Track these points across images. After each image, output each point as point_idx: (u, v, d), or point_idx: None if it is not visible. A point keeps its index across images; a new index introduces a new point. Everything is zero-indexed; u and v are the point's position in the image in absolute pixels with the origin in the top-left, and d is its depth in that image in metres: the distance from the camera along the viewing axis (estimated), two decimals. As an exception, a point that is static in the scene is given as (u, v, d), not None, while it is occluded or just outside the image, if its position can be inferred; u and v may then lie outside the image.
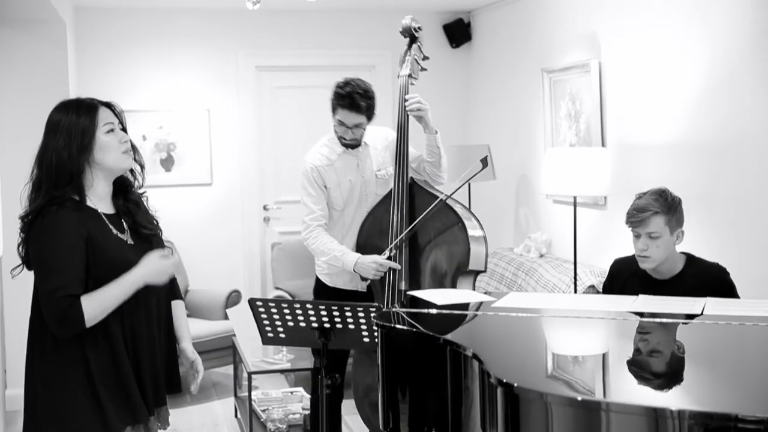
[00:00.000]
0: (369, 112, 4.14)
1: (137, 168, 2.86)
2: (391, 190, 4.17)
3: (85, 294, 2.61)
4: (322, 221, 4.22)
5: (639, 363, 2.64)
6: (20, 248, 2.74)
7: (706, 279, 3.47)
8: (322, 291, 4.36)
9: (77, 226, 2.64)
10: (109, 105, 2.80)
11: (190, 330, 3.02)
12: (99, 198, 2.75)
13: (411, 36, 4.26)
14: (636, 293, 3.41)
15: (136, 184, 2.87)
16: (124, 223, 2.79)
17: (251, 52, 7.14)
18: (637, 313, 3.06)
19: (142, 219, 2.84)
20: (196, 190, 7.05)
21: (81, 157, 2.68)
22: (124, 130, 2.80)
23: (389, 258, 4.03)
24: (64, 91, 5.74)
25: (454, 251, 3.99)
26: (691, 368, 2.57)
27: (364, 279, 4.12)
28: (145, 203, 2.89)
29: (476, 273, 4.04)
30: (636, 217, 3.44)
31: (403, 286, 4.03)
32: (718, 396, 2.28)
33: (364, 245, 4.18)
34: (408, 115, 4.13)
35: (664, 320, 2.92)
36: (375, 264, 4.03)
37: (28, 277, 2.79)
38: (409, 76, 4.20)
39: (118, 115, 2.81)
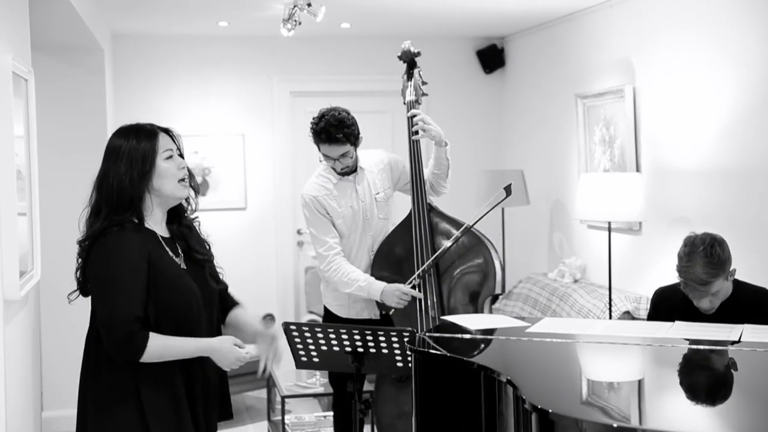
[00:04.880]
0: (350, 139, 4.06)
1: (192, 194, 2.84)
2: (405, 220, 4.15)
3: (154, 333, 2.59)
4: (337, 249, 4.15)
5: (676, 390, 2.61)
6: (77, 273, 2.73)
7: (753, 303, 3.45)
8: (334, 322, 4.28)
9: (140, 247, 2.63)
10: (167, 131, 2.81)
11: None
12: (155, 222, 2.75)
13: (410, 61, 4.26)
14: (683, 320, 3.38)
15: (189, 209, 2.87)
16: (179, 248, 2.79)
17: (285, 77, 7.20)
18: (673, 340, 3.03)
19: (195, 244, 2.83)
20: (231, 215, 7.10)
21: (141, 183, 2.68)
22: (181, 156, 2.81)
23: (412, 287, 4.01)
24: (102, 117, 5.83)
25: (485, 277, 3.98)
26: (728, 395, 2.54)
27: (386, 308, 4.08)
28: (197, 228, 2.89)
29: (496, 297, 4.06)
30: (698, 290, 3.37)
31: (433, 314, 4.01)
32: (755, 424, 2.25)
33: (379, 279, 4.12)
34: (417, 140, 4.12)
35: (701, 347, 2.89)
36: (398, 292, 4.01)
37: (66, 300, 2.79)
38: (415, 101, 4.21)
39: (176, 140, 2.81)
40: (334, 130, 4.00)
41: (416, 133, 4.09)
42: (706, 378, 2.76)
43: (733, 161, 4.49)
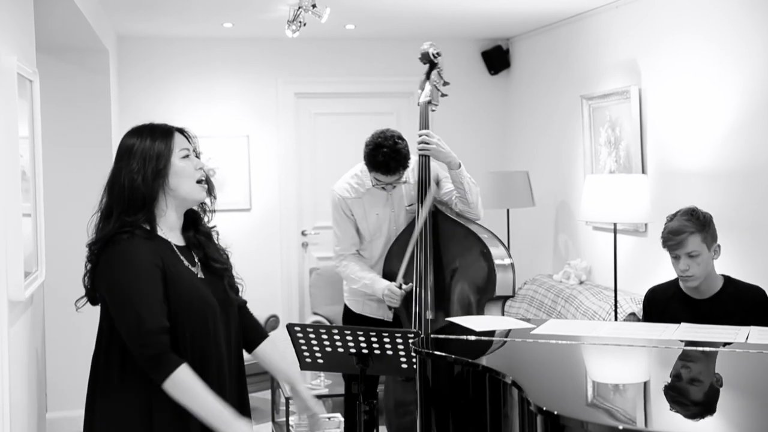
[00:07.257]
0: (405, 167, 4.09)
1: (208, 201, 2.72)
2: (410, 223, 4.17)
3: (188, 368, 2.45)
4: (352, 250, 4.27)
5: (681, 391, 2.60)
6: (86, 279, 2.59)
7: (745, 299, 3.49)
8: (349, 318, 4.37)
9: (151, 255, 2.49)
10: (182, 131, 2.71)
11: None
12: (170, 228, 2.62)
13: (430, 62, 4.26)
14: (677, 316, 3.39)
15: (206, 219, 2.74)
16: (195, 257, 2.66)
17: (290, 79, 7.20)
18: (679, 341, 3.02)
19: (213, 252, 2.70)
20: (235, 216, 7.09)
21: (155, 182, 2.55)
22: (197, 156, 2.71)
23: (399, 287, 4.03)
24: (107, 118, 5.83)
25: (480, 278, 3.96)
26: (735, 398, 2.53)
27: (390, 308, 4.13)
28: (215, 237, 2.76)
29: (504, 298, 4.03)
30: (673, 240, 3.46)
31: (429, 316, 4.01)
32: (762, 427, 2.23)
33: (389, 274, 4.17)
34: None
35: (707, 348, 2.88)
36: (388, 291, 4.05)
37: (70, 301, 2.74)
38: (429, 102, 4.20)
39: (192, 141, 2.71)
40: (394, 164, 4.02)
41: (419, 150, 4.09)
42: (711, 379, 2.75)
43: (739, 162, 4.48)
